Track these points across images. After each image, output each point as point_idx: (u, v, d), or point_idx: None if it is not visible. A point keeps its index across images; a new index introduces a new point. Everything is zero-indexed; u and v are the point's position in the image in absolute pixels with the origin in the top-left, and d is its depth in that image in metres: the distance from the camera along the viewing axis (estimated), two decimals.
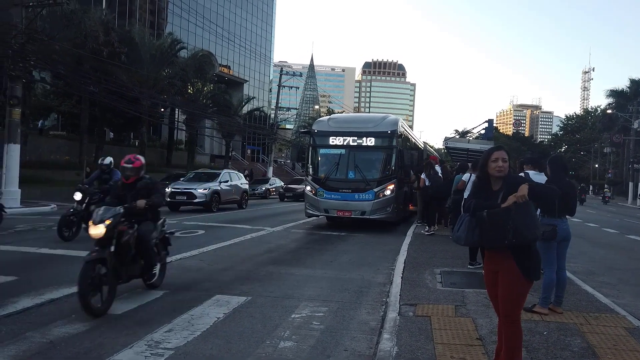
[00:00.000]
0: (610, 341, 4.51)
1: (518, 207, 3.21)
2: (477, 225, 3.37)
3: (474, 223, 3.40)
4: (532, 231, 3.25)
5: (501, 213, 3.25)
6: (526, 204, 3.24)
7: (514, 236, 3.19)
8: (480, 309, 5.45)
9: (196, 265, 7.87)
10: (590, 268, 9.11)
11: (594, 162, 75.26)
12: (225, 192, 19.40)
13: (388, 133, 13.36)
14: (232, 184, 20.36)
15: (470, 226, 3.43)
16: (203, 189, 18.25)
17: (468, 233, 3.43)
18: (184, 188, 18.31)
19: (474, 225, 3.40)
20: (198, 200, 17.94)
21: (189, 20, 49.72)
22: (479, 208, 3.37)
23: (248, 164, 54.06)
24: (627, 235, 16.21)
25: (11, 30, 16.94)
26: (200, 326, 4.76)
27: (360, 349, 4.36)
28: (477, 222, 3.37)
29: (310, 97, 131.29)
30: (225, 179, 19.91)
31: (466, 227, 3.45)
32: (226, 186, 19.65)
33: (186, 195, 18.01)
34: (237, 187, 20.74)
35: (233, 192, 20.23)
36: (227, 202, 19.59)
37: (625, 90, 55.47)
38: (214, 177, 19.66)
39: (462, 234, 3.47)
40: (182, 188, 18.35)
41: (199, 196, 17.96)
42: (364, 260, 8.90)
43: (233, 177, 20.93)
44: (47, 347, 4.10)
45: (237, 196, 20.54)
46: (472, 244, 3.58)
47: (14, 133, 17.21)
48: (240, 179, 21.66)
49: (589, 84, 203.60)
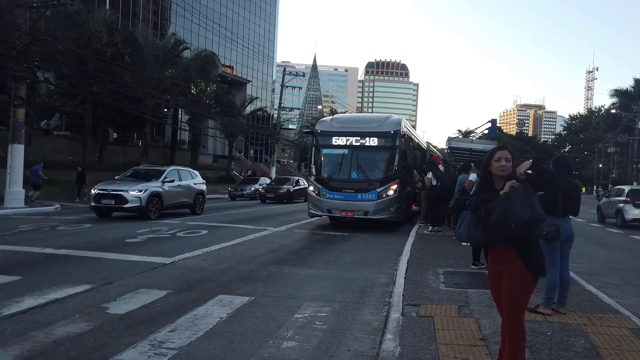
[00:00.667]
0: (614, 342, 4.49)
1: (515, 191, 3.19)
2: (480, 222, 3.37)
3: (475, 220, 3.40)
4: (530, 212, 3.16)
5: (499, 201, 3.23)
6: (524, 187, 3.23)
7: (512, 220, 3.14)
8: (483, 309, 5.44)
9: (199, 265, 7.89)
10: (594, 268, 9.08)
11: (598, 162, 75.01)
12: (170, 194, 15.66)
13: (391, 133, 13.35)
14: (182, 184, 16.55)
15: (472, 223, 3.43)
16: (137, 191, 14.41)
17: (469, 230, 3.43)
18: (113, 190, 14.48)
19: (476, 222, 3.40)
20: (130, 206, 14.21)
21: (192, 20, 49.77)
22: (480, 203, 3.37)
23: (251, 164, 54.13)
24: (631, 235, 16.15)
25: (15, 31, 17.01)
26: (203, 326, 4.77)
27: (363, 349, 4.36)
28: (479, 219, 3.37)
29: (313, 97, 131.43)
30: (171, 177, 16.04)
31: (467, 224, 3.46)
32: (172, 187, 15.86)
33: (114, 198, 14.27)
34: (188, 188, 16.97)
35: (182, 194, 16.50)
36: (173, 206, 16.03)
37: (629, 90, 55.15)
38: (156, 176, 15.77)
39: (464, 231, 3.48)
40: (110, 190, 14.53)
41: (131, 200, 14.19)
42: (366, 261, 8.90)
43: (183, 176, 17.06)
44: (50, 347, 4.11)
45: (188, 199, 16.78)
46: (473, 241, 3.57)
47: (18, 133, 17.28)
48: (194, 177, 17.81)
49: (593, 83, 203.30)
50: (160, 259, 8.11)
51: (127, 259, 8.08)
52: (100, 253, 8.45)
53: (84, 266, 7.38)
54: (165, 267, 7.59)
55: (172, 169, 17.24)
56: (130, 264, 7.65)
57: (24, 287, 5.95)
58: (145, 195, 14.48)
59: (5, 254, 8.19)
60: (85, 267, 7.34)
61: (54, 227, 11.75)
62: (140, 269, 7.35)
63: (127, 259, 8.08)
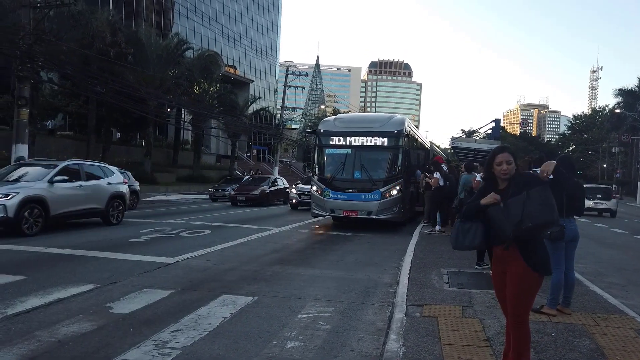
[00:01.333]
0: (619, 342, 4.47)
1: (537, 192, 3.20)
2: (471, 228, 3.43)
3: (465, 227, 3.42)
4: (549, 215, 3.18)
5: (517, 201, 3.22)
6: (545, 188, 3.24)
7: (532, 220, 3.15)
8: (487, 309, 5.42)
9: (203, 265, 7.89)
10: (599, 269, 9.04)
11: (602, 162, 74.76)
12: (62, 199, 11.14)
13: (394, 133, 13.32)
14: (86, 184, 11.98)
15: (461, 230, 3.44)
16: (4, 196, 9.87)
17: (458, 237, 3.47)
18: None
19: (466, 230, 3.42)
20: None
21: (195, 20, 49.85)
22: (471, 210, 3.45)
23: (254, 163, 54.15)
24: (635, 235, 16.08)
25: (19, 31, 17.07)
26: (207, 326, 4.77)
27: (367, 350, 4.35)
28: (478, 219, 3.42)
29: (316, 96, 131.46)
30: (63, 175, 11.26)
31: (456, 231, 3.48)
32: (66, 188, 11.31)
33: None
34: (97, 189, 12.35)
35: (86, 198, 11.93)
36: (69, 215, 11.57)
37: (634, 90, 55.05)
38: (44, 173, 11.07)
39: (453, 238, 3.53)
40: None
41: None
42: (370, 261, 8.89)
43: (90, 173, 12.39)
44: (55, 346, 4.12)
45: (96, 205, 12.26)
46: (463, 248, 3.54)
47: (22, 133, 17.33)
48: (108, 175, 13.08)
49: (597, 83, 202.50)
50: (164, 259, 8.12)
51: (131, 258, 8.09)
52: (104, 253, 8.47)
53: (87, 266, 7.40)
54: (169, 267, 7.60)
55: (71, 163, 12.18)
56: (133, 264, 7.67)
57: (28, 287, 5.97)
58: (14, 202, 9.87)
59: (9, 253, 8.22)
60: (88, 266, 7.36)
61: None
62: (143, 268, 7.36)
63: (131, 258, 8.09)
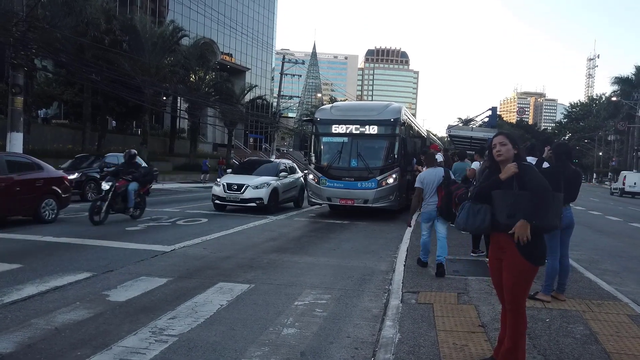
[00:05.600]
0: (612, 328, 4.52)
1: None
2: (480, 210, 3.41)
3: (475, 208, 3.43)
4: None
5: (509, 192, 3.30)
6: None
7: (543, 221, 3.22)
8: (482, 296, 5.46)
9: (199, 253, 7.91)
10: (594, 256, 9.11)
11: (598, 150, 74.94)
12: None
13: (391, 121, 13.30)
14: None
15: (471, 211, 3.45)
16: None
17: (469, 218, 3.46)
18: None
19: (476, 211, 3.42)
20: None
21: (190, 7, 49.35)
22: (482, 191, 3.45)
23: (251, 152, 54.04)
24: (630, 223, 16.18)
25: (12, 18, 16.86)
26: (204, 313, 4.79)
27: (363, 336, 4.38)
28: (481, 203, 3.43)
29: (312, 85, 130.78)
30: None
31: (466, 213, 3.47)
32: None
33: None
34: None
35: None
36: None
37: (630, 78, 54.93)
38: None
39: (462, 219, 3.51)
40: None
41: None
42: (366, 249, 8.92)
43: None
44: (52, 334, 4.13)
45: None
46: (472, 229, 3.56)
47: (17, 122, 17.20)
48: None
49: (594, 71, 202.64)
50: (161, 247, 8.12)
51: (128, 247, 8.09)
52: (101, 241, 8.46)
53: (84, 254, 7.39)
54: (166, 255, 7.61)
55: None
56: (130, 252, 7.67)
57: (24, 275, 5.97)
58: None
59: (6, 242, 8.21)
60: (85, 255, 7.36)
61: None
62: (140, 256, 7.37)
63: (128, 247, 8.09)
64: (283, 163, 16.26)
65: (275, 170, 15.08)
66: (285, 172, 15.39)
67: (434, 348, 3.92)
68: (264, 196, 13.61)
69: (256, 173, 14.83)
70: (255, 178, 14.12)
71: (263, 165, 16.07)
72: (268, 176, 14.44)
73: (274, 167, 15.40)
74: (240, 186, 13.64)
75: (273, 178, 14.42)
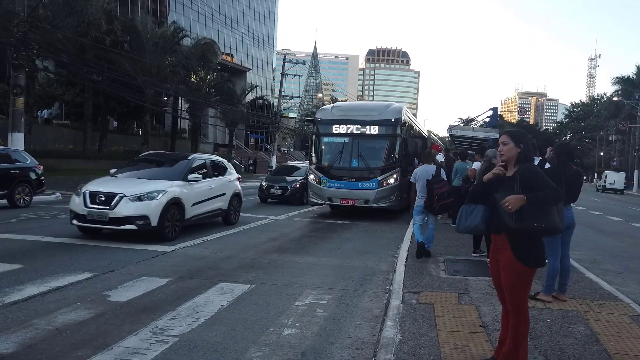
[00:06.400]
0: (613, 328, 4.51)
1: None
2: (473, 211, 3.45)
3: (468, 209, 3.45)
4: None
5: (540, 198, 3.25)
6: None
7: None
8: (483, 296, 5.45)
9: (200, 253, 7.91)
10: (595, 256, 9.09)
11: (599, 150, 74.83)
12: None
13: (392, 121, 13.29)
14: None
15: (464, 212, 3.46)
16: None
17: (461, 219, 3.49)
18: None
19: (469, 212, 3.44)
20: None
21: (191, 7, 49.34)
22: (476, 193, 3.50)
23: (251, 152, 54.04)
24: (632, 223, 16.16)
25: (14, 19, 16.88)
26: (204, 314, 4.79)
27: (364, 336, 4.38)
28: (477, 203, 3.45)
29: (313, 85, 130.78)
30: None
31: (460, 214, 3.50)
32: None
33: None
34: None
35: None
36: None
37: (631, 78, 54.83)
38: None
39: (458, 220, 3.53)
40: None
41: None
42: (367, 249, 8.92)
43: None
44: (53, 334, 4.13)
45: None
46: (465, 229, 3.55)
47: (18, 122, 17.23)
48: None
49: (595, 71, 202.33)
50: (161, 247, 8.12)
51: (128, 247, 8.09)
52: (101, 242, 8.46)
53: (85, 254, 7.40)
54: (167, 255, 7.61)
55: None
56: (131, 252, 7.67)
57: (25, 275, 5.97)
58: None
59: (7, 242, 8.20)
60: (86, 255, 7.36)
61: (55, 216, 11.75)
62: (141, 257, 7.37)
63: (128, 247, 8.09)
64: (199, 159, 10.67)
65: (181, 171, 9.67)
66: (201, 172, 10.14)
67: (434, 348, 3.91)
68: (149, 213, 8.42)
69: (150, 175, 9.55)
70: (142, 184, 8.95)
71: (164, 164, 10.67)
72: (167, 180, 9.20)
73: (182, 166, 9.86)
74: (109, 197, 8.42)
75: (174, 183, 9.18)
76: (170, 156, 12.11)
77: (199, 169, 10.23)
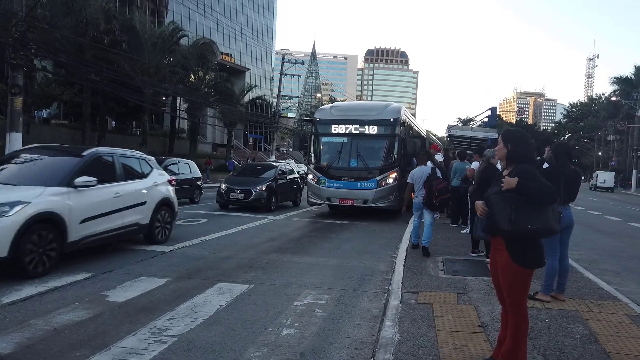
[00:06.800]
0: (612, 328, 4.51)
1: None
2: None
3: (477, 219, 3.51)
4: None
5: (496, 197, 3.31)
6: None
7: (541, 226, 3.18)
8: (482, 296, 5.45)
9: (199, 253, 7.90)
10: (593, 256, 9.10)
11: (598, 150, 74.94)
12: None
13: (390, 121, 13.29)
14: None
15: (479, 219, 3.55)
16: None
17: (477, 225, 3.58)
18: None
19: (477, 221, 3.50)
20: None
21: (190, 7, 49.31)
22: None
23: (250, 152, 54.01)
24: (630, 223, 16.18)
25: (12, 18, 16.83)
26: (203, 314, 4.78)
27: (363, 336, 4.38)
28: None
29: (312, 85, 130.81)
30: None
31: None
32: None
33: None
34: None
35: None
36: None
37: (630, 78, 54.94)
38: None
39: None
40: None
41: None
42: (366, 249, 8.92)
43: None
44: (51, 334, 4.12)
45: None
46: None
47: (16, 122, 17.18)
48: None
49: (594, 71, 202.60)
50: (160, 248, 8.11)
51: (127, 247, 8.08)
52: None
53: (83, 255, 7.37)
54: (165, 256, 7.60)
55: None
56: (129, 253, 7.66)
57: (23, 276, 5.94)
58: None
59: None
60: (84, 255, 7.33)
61: None
62: (139, 257, 7.36)
63: (127, 247, 8.08)
64: (101, 154, 7.62)
65: (64, 172, 6.67)
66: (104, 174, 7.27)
67: (433, 348, 3.91)
68: None
69: (15, 179, 6.54)
70: None
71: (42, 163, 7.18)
72: (38, 186, 6.23)
73: (67, 166, 6.84)
74: None
75: (48, 191, 6.23)
76: (56, 152, 7.73)
77: (97, 169, 7.15)
